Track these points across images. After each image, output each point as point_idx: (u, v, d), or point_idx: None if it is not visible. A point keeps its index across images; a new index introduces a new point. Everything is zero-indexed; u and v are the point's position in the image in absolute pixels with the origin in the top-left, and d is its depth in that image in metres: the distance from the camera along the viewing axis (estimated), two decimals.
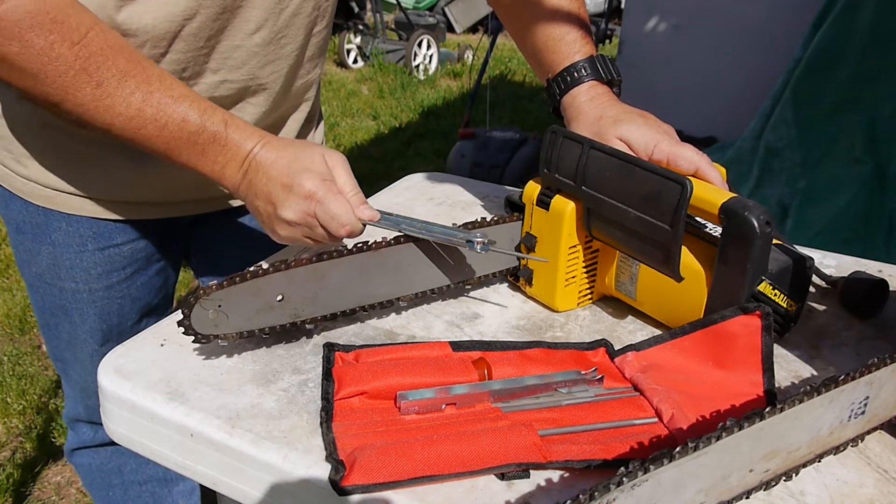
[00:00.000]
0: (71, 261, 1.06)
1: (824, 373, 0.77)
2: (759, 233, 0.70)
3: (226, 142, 0.82)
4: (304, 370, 0.74)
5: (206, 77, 0.95)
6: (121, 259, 1.08)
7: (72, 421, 1.29)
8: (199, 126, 0.81)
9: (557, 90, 0.93)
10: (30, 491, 1.97)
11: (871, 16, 2.44)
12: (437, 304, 0.87)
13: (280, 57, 0.99)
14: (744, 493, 0.59)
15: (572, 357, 0.76)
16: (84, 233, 1.04)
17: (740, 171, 2.76)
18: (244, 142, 0.82)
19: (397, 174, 1.28)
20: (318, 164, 0.81)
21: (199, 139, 0.81)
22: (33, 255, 1.07)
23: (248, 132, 0.84)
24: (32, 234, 1.05)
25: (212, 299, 0.71)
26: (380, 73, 5.87)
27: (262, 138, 0.83)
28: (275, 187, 0.81)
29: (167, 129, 0.80)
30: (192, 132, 0.81)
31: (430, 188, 1.18)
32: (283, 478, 0.63)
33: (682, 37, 3.55)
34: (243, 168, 0.83)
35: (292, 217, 0.80)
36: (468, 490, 0.60)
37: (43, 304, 1.13)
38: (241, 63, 0.96)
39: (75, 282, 1.07)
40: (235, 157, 0.83)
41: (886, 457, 0.66)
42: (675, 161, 0.81)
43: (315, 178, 0.80)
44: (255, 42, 0.95)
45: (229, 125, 0.83)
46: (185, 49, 0.91)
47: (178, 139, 0.81)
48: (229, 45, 0.94)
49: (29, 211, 1.03)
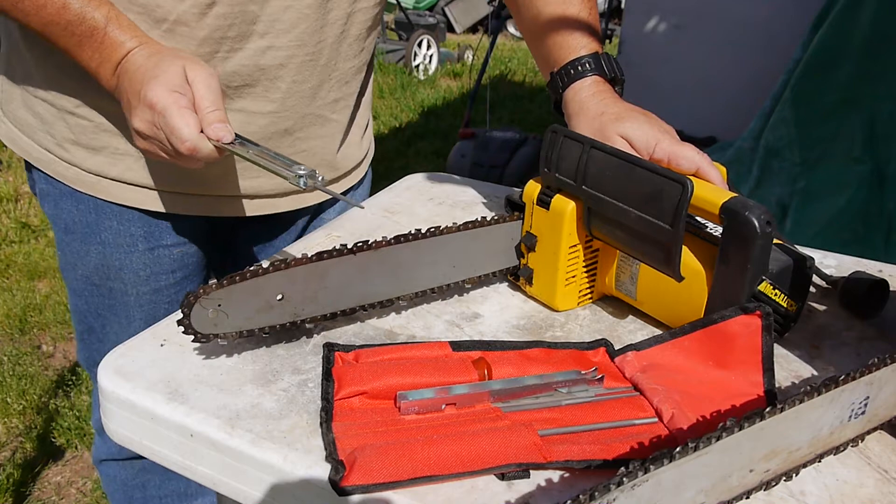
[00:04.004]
0: (120, 261, 1.04)
1: (825, 373, 0.77)
2: (759, 232, 0.70)
3: (102, 39, 0.80)
4: (304, 370, 0.74)
5: (252, 41, 0.93)
6: (170, 262, 1.06)
7: (102, 430, 1.28)
8: (79, 15, 0.79)
9: (560, 83, 0.93)
10: (30, 491, 1.97)
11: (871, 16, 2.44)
12: (437, 303, 0.87)
13: (326, 23, 0.96)
14: (744, 493, 0.59)
15: (572, 357, 0.76)
16: (134, 231, 1.03)
17: (740, 171, 2.76)
18: (121, 44, 0.80)
19: (397, 174, 1.28)
20: (172, 74, 0.79)
21: (76, 30, 0.79)
22: (81, 256, 1.05)
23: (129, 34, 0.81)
24: (82, 234, 1.03)
25: (211, 298, 0.71)
26: (380, 73, 5.87)
27: (140, 43, 0.81)
28: (132, 94, 0.79)
29: (45, 10, 0.78)
30: (70, 21, 0.79)
31: (430, 188, 1.18)
32: (283, 478, 0.63)
33: (682, 37, 3.55)
34: (117, 72, 0.81)
35: (139, 127, 0.79)
36: (468, 490, 0.60)
37: (88, 308, 1.10)
38: (290, 27, 0.93)
39: (124, 283, 1.06)
40: (110, 58, 0.81)
41: (887, 457, 0.66)
42: (675, 160, 0.81)
43: (161, 87, 0.77)
44: (305, 3, 0.92)
45: (111, 22, 0.80)
46: (234, 2, 0.88)
47: (55, 24, 0.79)
48: (280, 5, 0.91)
49: (80, 209, 1.02)
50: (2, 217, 3.41)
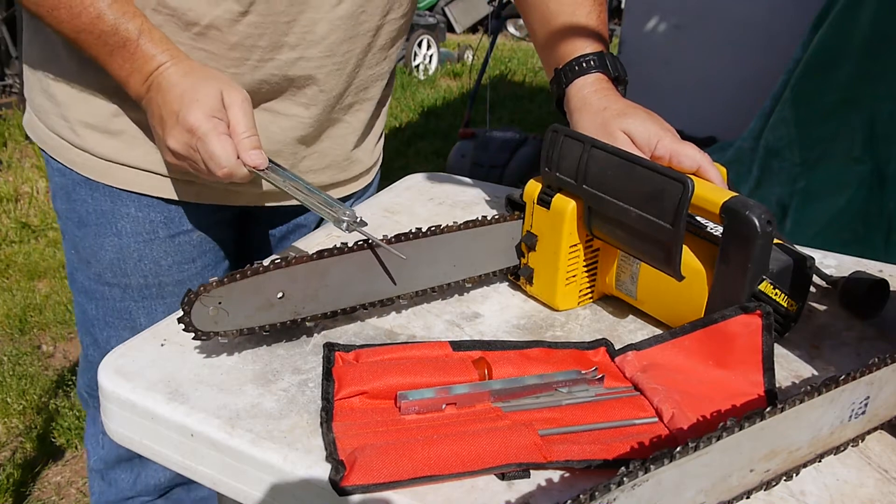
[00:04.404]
0: (140, 251, 1.02)
1: (825, 372, 0.77)
2: (760, 232, 0.70)
3: (135, 50, 0.81)
4: (305, 370, 0.74)
5: (283, 53, 0.93)
6: (191, 248, 1.05)
7: (109, 466, 1.16)
8: (113, 26, 0.80)
9: (564, 79, 0.93)
10: (30, 491, 1.97)
11: (871, 16, 2.44)
12: (437, 303, 0.87)
13: (357, 34, 0.96)
14: (744, 492, 0.59)
15: (573, 356, 0.76)
16: (154, 217, 1.01)
17: (740, 171, 2.76)
18: (152, 57, 0.82)
19: (397, 174, 1.28)
20: (211, 98, 0.80)
21: (109, 40, 0.81)
22: (94, 251, 1.02)
23: (161, 47, 0.83)
24: (97, 226, 1.01)
25: (212, 296, 0.71)
26: None
27: (172, 57, 0.82)
28: (166, 113, 0.80)
29: (80, 18, 0.80)
30: (105, 31, 0.80)
31: (430, 188, 1.18)
32: (283, 478, 0.63)
33: (682, 37, 3.55)
34: (147, 83, 0.82)
35: (175, 147, 0.81)
36: (468, 490, 0.60)
37: (97, 313, 1.06)
38: (321, 38, 0.93)
39: (144, 276, 1.03)
40: (141, 69, 0.82)
41: (887, 457, 0.66)
42: (677, 158, 0.81)
43: (201, 112, 0.79)
44: (338, 14, 0.92)
45: (143, 34, 0.82)
46: (267, 11, 0.89)
47: (89, 32, 0.81)
48: (312, 16, 0.91)
49: (95, 198, 1.00)
50: (2, 217, 3.42)
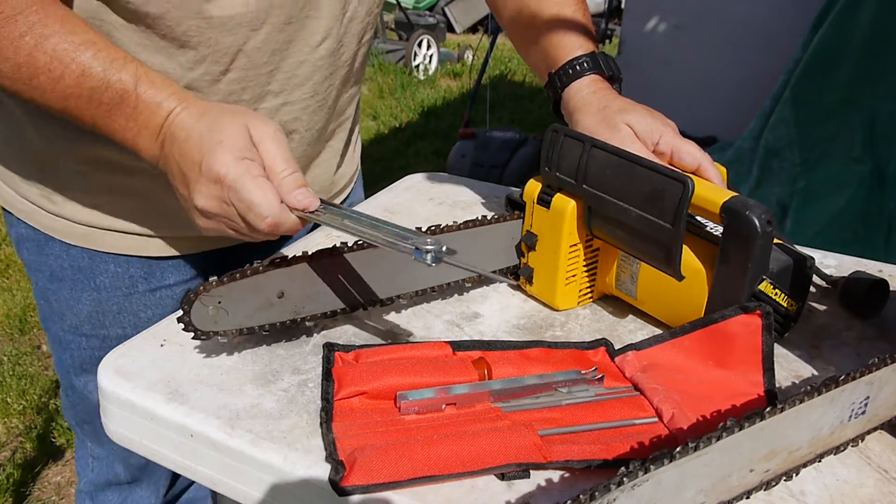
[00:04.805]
0: (119, 305, 0.95)
1: (825, 373, 0.77)
2: (760, 232, 0.70)
3: (136, 103, 0.68)
4: (304, 370, 0.74)
5: (267, 101, 0.87)
6: (172, 302, 0.98)
7: (99, 489, 1.15)
8: (102, 80, 0.67)
9: (559, 83, 0.91)
10: (30, 491, 1.97)
11: (871, 16, 2.44)
12: (436, 303, 0.87)
13: (337, 68, 0.92)
14: (744, 493, 0.59)
15: (572, 356, 0.76)
16: (134, 273, 0.94)
17: (740, 171, 2.76)
18: (159, 105, 0.68)
19: (397, 174, 1.28)
20: (236, 136, 0.66)
21: (103, 97, 0.67)
22: (70, 305, 0.95)
23: (165, 92, 0.69)
24: (73, 281, 0.94)
25: (212, 296, 0.71)
26: (380, 73, 5.87)
27: (181, 101, 0.69)
28: (187, 166, 0.67)
29: (63, 81, 0.67)
30: (94, 87, 0.67)
31: (430, 188, 1.18)
32: (282, 478, 0.63)
33: (682, 37, 3.55)
34: (159, 139, 0.69)
35: (205, 205, 0.67)
36: (468, 490, 0.60)
37: (73, 362, 1.01)
38: (305, 79, 0.88)
39: (123, 327, 0.97)
40: (148, 123, 0.68)
41: (887, 457, 0.66)
42: (679, 154, 0.81)
43: (227, 155, 0.65)
44: (319, 55, 0.87)
45: (141, 81, 0.68)
46: (248, 66, 0.82)
47: (77, 95, 0.67)
48: (294, 61, 0.85)
49: (70, 254, 0.92)
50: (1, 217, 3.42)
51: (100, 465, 1.13)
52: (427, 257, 0.63)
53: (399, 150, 4.56)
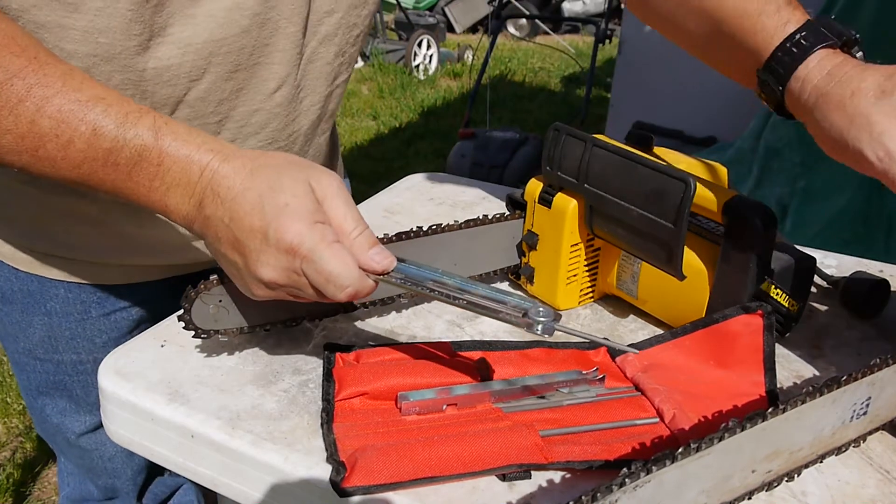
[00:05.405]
0: (72, 331, 0.90)
1: (826, 373, 0.77)
2: (762, 232, 0.70)
3: (160, 159, 0.59)
4: (305, 371, 0.74)
5: None
6: (128, 323, 0.93)
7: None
8: (117, 138, 0.58)
9: (775, 78, 0.69)
10: (30, 491, 1.97)
11: (871, 16, 2.44)
12: (437, 303, 0.87)
13: (300, 113, 0.84)
14: (746, 493, 0.59)
15: (573, 357, 0.76)
16: (86, 298, 0.89)
17: (740, 171, 2.76)
18: (188, 159, 0.59)
19: (397, 174, 1.28)
20: (302, 196, 0.58)
21: (119, 158, 0.59)
22: (23, 328, 0.90)
23: (194, 142, 0.60)
24: (23, 304, 0.88)
25: (212, 294, 0.71)
26: (380, 72, 5.87)
27: (217, 153, 0.60)
28: (243, 232, 0.58)
29: (73, 146, 0.58)
30: (109, 149, 0.59)
31: (430, 188, 1.18)
32: (283, 479, 0.63)
33: None
34: (195, 197, 0.60)
35: (272, 276, 0.59)
36: (469, 491, 0.60)
37: (30, 384, 0.96)
38: (259, 128, 0.80)
39: (77, 353, 0.92)
40: (179, 180, 0.60)
41: (888, 457, 0.66)
42: None
43: (300, 222, 0.57)
44: (275, 102, 0.79)
45: (162, 133, 0.59)
46: (192, 115, 0.75)
47: (91, 159, 0.59)
48: (246, 110, 0.78)
49: (19, 277, 0.87)
50: None
51: (74, 481, 1.11)
52: (537, 329, 0.59)
53: (399, 150, 4.56)
